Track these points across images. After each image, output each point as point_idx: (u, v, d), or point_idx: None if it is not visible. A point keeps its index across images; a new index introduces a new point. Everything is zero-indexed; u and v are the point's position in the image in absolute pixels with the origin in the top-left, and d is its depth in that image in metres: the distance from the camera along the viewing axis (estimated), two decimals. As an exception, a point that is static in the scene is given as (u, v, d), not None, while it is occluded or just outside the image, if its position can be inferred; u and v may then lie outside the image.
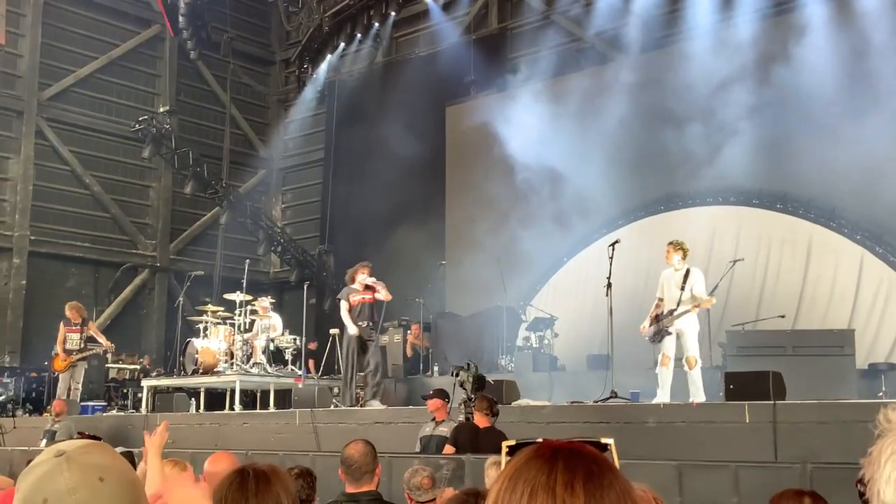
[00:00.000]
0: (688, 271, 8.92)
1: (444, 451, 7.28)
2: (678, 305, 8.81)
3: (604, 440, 1.41)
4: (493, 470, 4.59)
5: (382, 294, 10.62)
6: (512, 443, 1.35)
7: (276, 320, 13.18)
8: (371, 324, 10.60)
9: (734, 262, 10.80)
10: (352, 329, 10.48)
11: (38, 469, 1.43)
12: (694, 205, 14.45)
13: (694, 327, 8.83)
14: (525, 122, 15.53)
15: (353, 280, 10.76)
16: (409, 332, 14.16)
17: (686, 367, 8.67)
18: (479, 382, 8.38)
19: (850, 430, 6.11)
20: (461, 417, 7.79)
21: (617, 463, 1.24)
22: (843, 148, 12.24)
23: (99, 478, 1.41)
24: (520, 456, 1.17)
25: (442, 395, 8.32)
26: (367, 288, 10.63)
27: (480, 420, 7.48)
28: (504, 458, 1.29)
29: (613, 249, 9.57)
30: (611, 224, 14.88)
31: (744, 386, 7.39)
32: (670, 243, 9.14)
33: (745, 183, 13.75)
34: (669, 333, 8.86)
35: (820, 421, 6.55)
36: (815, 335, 10.19)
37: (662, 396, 8.61)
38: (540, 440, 1.21)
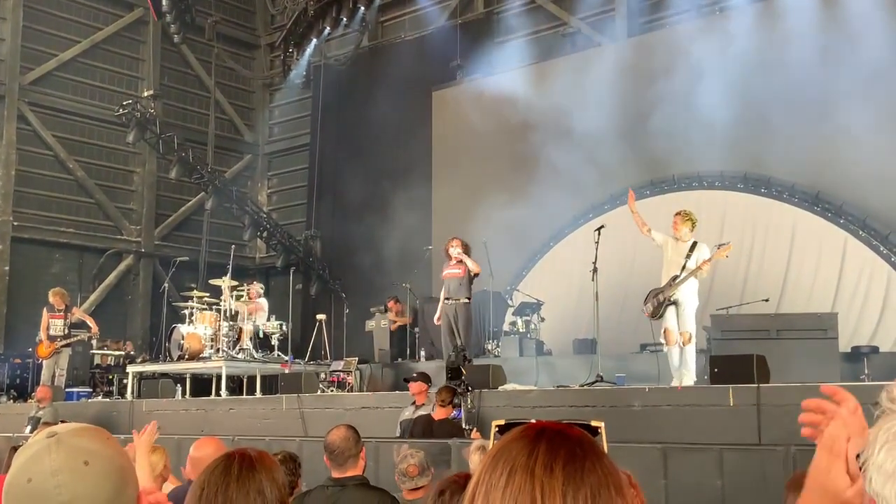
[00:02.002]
0: (694, 243, 8.65)
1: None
2: (682, 272, 8.53)
3: (594, 423, 1.42)
4: (477, 454, 4.60)
5: (470, 266, 10.03)
6: (502, 422, 1.35)
7: (263, 304, 13.09)
8: (456, 300, 9.97)
9: (719, 246, 10.82)
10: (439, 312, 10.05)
11: (30, 450, 1.45)
12: (679, 189, 14.48)
13: (693, 301, 8.57)
14: (510, 106, 15.51)
15: (447, 255, 10.26)
16: (388, 311, 14.07)
17: (679, 343, 8.45)
18: (453, 372, 8.38)
19: (832, 413, 6.15)
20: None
21: (606, 446, 1.24)
22: (826, 132, 12.32)
23: (84, 461, 1.42)
24: (506, 436, 1.17)
25: (425, 378, 8.35)
26: (460, 262, 10.11)
27: (438, 412, 7.48)
28: (493, 438, 1.29)
29: (599, 234, 9.57)
30: (597, 209, 14.90)
31: (728, 369, 7.42)
32: (678, 213, 8.85)
33: (730, 167, 13.80)
34: (671, 303, 8.54)
35: (803, 404, 6.60)
36: (799, 319, 10.25)
37: (677, 378, 8.34)
38: (533, 421, 1.20)
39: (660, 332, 8.86)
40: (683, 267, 8.57)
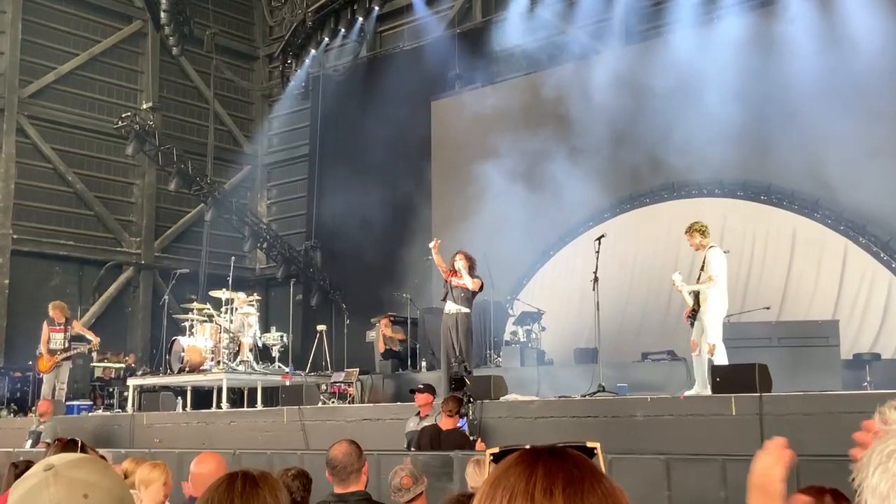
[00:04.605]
0: (707, 253, 8.61)
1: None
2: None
3: (590, 444, 1.40)
4: (471, 467, 4.59)
5: (467, 283, 9.86)
6: (496, 450, 1.33)
7: (252, 316, 12.89)
8: (457, 311, 9.85)
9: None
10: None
11: (27, 483, 1.42)
12: (679, 197, 14.49)
13: (711, 312, 8.40)
14: (510, 115, 15.53)
15: (451, 267, 10.13)
16: (379, 327, 14.02)
17: (700, 353, 8.43)
18: (457, 382, 8.36)
19: (836, 421, 6.15)
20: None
21: (603, 467, 1.23)
22: (826, 139, 12.32)
23: (83, 494, 1.39)
24: (502, 463, 1.16)
25: (431, 390, 8.35)
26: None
27: (445, 422, 7.46)
28: (488, 466, 1.27)
29: (600, 244, 9.54)
30: (597, 217, 14.91)
31: (730, 378, 7.40)
32: (685, 231, 8.86)
33: (729, 175, 13.80)
34: (693, 317, 8.56)
35: (806, 412, 6.58)
36: (800, 326, 10.24)
37: (694, 388, 8.26)
38: (527, 447, 1.19)
39: (663, 341, 8.89)
40: (699, 279, 8.62)
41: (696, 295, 8.60)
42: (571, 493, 1.08)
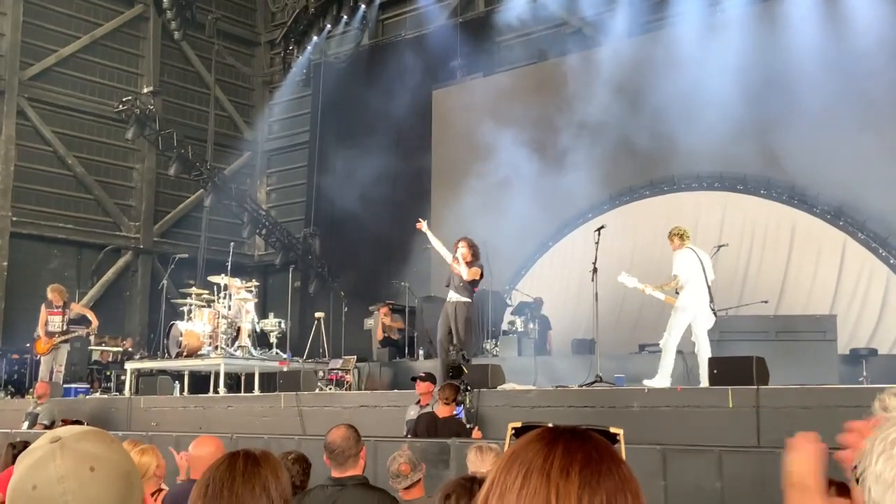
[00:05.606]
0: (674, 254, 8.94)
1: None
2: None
3: (613, 430, 1.39)
4: (473, 454, 4.60)
5: (462, 271, 9.71)
6: (518, 424, 1.33)
7: (249, 302, 12.84)
8: (457, 300, 9.74)
9: (718, 247, 10.86)
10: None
11: (33, 454, 1.41)
12: (679, 190, 14.50)
13: (675, 307, 8.82)
14: (511, 105, 15.50)
15: (454, 252, 10.00)
16: (378, 315, 14.03)
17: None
18: (455, 370, 8.36)
19: (832, 415, 6.17)
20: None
21: (624, 454, 1.22)
22: (826, 135, 12.32)
23: (90, 467, 1.39)
24: (522, 439, 1.16)
25: (432, 379, 8.35)
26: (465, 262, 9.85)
27: (441, 409, 7.45)
28: (508, 440, 1.28)
29: (599, 235, 9.55)
30: (596, 208, 14.91)
31: (727, 371, 7.42)
32: (667, 236, 9.21)
33: (729, 169, 13.80)
34: None
35: (802, 406, 6.61)
36: (798, 320, 10.26)
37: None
38: (550, 425, 1.19)
39: (660, 332, 8.99)
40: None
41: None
42: (588, 474, 1.08)
